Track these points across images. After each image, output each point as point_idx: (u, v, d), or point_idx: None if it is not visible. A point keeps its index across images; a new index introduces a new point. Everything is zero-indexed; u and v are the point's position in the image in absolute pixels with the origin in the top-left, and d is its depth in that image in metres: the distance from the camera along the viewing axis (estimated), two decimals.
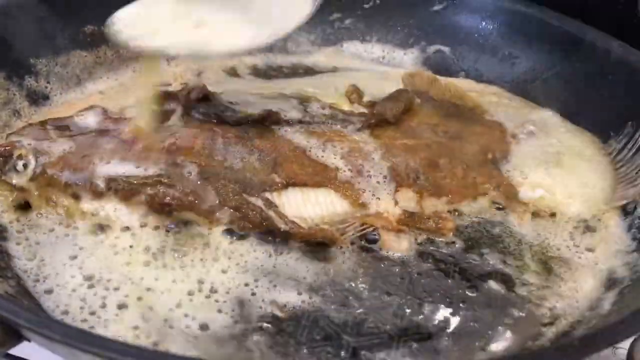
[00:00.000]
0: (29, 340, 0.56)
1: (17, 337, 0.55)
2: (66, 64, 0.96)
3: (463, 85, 0.98)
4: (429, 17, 1.08)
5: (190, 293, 0.67)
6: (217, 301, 0.67)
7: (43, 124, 0.78)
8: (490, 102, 0.93)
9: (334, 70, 1.06)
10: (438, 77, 0.97)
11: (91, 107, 0.82)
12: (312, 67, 1.07)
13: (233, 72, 1.04)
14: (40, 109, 0.90)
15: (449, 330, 0.67)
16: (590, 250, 0.76)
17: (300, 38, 1.09)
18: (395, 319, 0.67)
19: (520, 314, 0.69)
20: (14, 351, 0.56)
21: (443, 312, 0.68)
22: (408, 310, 0.68)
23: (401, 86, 0.94)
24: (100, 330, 0.63)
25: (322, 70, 1.06)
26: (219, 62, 1.05)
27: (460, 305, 0.69)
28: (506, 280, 0.72)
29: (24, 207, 0.74)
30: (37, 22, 0.93)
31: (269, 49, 1.08)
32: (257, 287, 0.68)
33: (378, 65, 1.08)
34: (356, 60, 1.09)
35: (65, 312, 0.64)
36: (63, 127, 0.78)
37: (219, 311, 0.66)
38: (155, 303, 0.66)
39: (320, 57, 1.09)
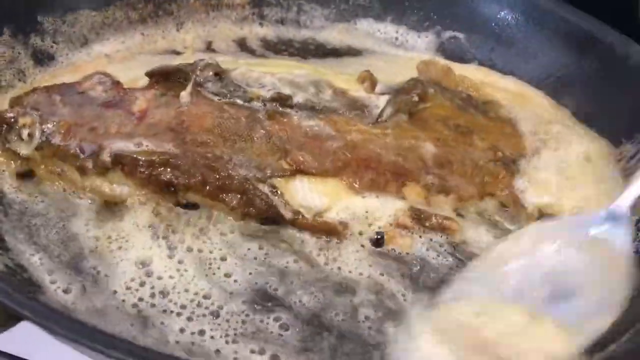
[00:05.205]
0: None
1: (17, 317, 0.55)
2: (74, 23, 0.93)
3: (484, 76, 0.97)
4: (447, 1, 1.05)
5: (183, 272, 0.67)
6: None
7: (49, 90, 0.76)
8: (507, 97, 0.91)
9: (347, 49, 1.03)
10: (452, 67, 0.95)
11: (98, 74, 0.80)
12: (324, 43, 1.05)
13: (243, 43, 1.02)
14: (45, 69, 0.88)
15: None
16: None
17: (315, 12, 1.07)
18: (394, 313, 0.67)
19: None
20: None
21: None
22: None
23: (415, 74, 0.92)
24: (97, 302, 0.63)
25: (334, 48, 1.04)
26: (229, 31, 1.03)
27: None
28: None
29: (27, 175, 0.73)
30: None
31: (281, 21, 1.06)
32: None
33: (390, 47, 1.06)
34: (369, 40, 1.06)
35: (66, 291, 0.64)
36: (69, 94, 0.76)
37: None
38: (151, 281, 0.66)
39: (333, 33, 1.06)
